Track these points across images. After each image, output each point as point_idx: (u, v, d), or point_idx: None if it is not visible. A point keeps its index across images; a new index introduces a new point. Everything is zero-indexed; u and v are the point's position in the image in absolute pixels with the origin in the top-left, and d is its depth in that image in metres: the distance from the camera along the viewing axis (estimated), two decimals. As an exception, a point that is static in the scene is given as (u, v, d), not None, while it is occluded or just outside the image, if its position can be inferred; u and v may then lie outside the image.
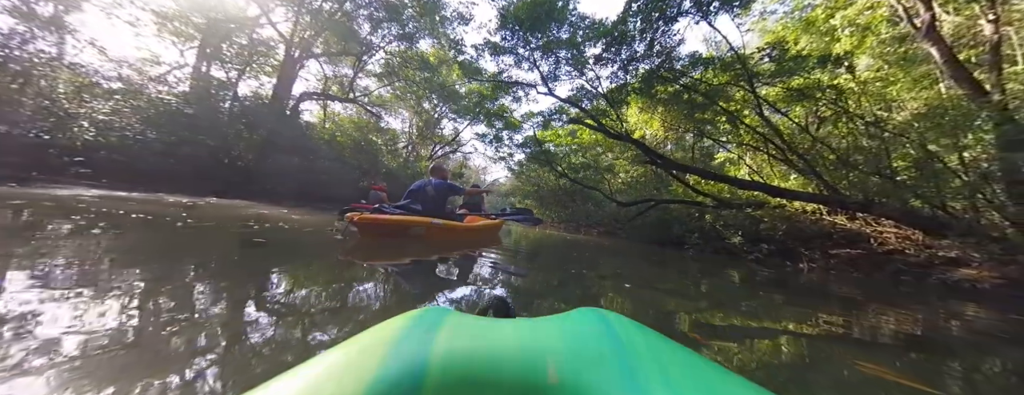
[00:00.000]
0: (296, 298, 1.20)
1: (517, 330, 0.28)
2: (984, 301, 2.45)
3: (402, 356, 0.23)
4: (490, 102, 8.90)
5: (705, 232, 5.88)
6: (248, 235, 2.32)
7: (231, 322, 0.93)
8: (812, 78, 4.90)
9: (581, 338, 0.26)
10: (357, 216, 2.80)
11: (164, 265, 1.42)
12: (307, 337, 0.89)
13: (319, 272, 1.64)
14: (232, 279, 1.33)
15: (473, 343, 0.25)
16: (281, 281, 1.40)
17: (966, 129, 3.95)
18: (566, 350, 0.24)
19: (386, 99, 13.82)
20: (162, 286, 1.12)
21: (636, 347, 0.25)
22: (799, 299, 2.18)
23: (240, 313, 1.00)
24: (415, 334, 0.26)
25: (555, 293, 1.70)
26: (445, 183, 3.51)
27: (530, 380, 0.22)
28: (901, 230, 4.39)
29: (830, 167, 5.11)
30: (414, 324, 0.28)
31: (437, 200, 3.50)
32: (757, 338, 1.25)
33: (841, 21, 5.84)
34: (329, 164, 8.39)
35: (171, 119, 6.54)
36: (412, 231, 2.96)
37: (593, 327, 0.28)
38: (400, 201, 3.54)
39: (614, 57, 5.70)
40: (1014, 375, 1.10)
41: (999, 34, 3.82)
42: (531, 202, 14.62)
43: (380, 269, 1.84)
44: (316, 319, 1.02)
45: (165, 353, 0.73)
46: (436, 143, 16.53)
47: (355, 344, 0.26)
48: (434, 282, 1.68)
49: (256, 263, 1.68)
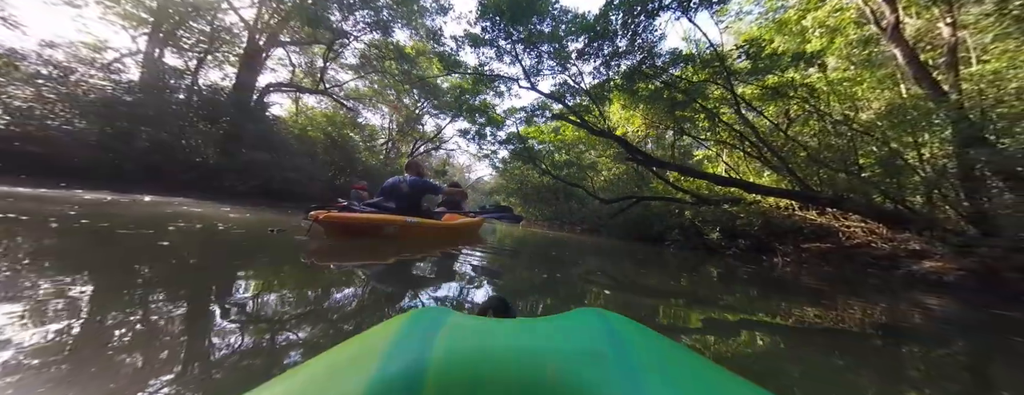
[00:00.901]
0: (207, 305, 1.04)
1: (517, 330, 0.28)
2: (948, 292, 2.54)
3: (402, 356, 0.23)
4: (471, 97, 8.62)
5: (684, 228, 5.97)
6: (149, 240, 1.91)
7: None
8: (786, 77, 5.03)
9: (581, 338, 0.26)
10: (322, 214, 2.57)
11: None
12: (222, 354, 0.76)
13: (229, 279, 1.40)
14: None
15: (473, 343, 0.25)
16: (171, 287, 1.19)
17: (925, 127, 4.14)
18: (566, 350, 0.24)
19: (363, 93, 13.21)
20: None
21: (636, 347, 0.25)
22: (773, 293, 2.23)
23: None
24: (415, 334, 0.26)
25: (539, 292, 1.67)
26: (421, 180, 3.32)
27: (530, 380, 0.21)
28: (867, 224, 4.57)
29: (802, 164, 5.27)
30: (414, 324, 0.28)
31: (412, 198, 3.31)
32: (733, 331, 1.29)
33: (812, 22, 6.03)
34: (299, 160, 7.84)
35: (108, 108, 5.82)
36: (385, 231, 2.79)
37: (593, 327, 0.28)
38: (372, 199, 3.39)
39: (596, 52, 5.65)
40: (965, 360, 1.19)
41: (956, 37, 4.02)
42: (515, 200, 14.53)
43: (344, 271, 1.67)
44: (248, 332, 0.89)
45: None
46: (417, 139, 16.03)
47: (354, 344, 0.27)
48: (404, 284, 1.55)
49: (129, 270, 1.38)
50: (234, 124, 7.18)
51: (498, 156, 12.96)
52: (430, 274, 1.81)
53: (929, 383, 0.95)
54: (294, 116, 10.90)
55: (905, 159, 4.34)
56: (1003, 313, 2.04)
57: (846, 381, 0.90)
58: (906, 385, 0.93)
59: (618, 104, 8.29)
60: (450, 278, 1.77)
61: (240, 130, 7.18)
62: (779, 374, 0.91)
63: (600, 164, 11.06)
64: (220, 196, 6.01)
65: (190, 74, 8.46)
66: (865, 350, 1.17)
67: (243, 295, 1.17)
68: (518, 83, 7.10)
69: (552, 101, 7.51)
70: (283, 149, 7.62)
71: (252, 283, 1.34)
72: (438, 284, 1.59)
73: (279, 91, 10.83)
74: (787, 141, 5.53)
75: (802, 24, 6.15)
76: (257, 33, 8.89)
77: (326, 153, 8.75)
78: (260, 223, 3.08)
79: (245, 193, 6.39)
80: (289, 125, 9.19)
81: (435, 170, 19.01)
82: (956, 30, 4.04)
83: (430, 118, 16.15)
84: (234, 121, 7.19)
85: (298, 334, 0.89)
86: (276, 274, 1.57)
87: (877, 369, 0.98)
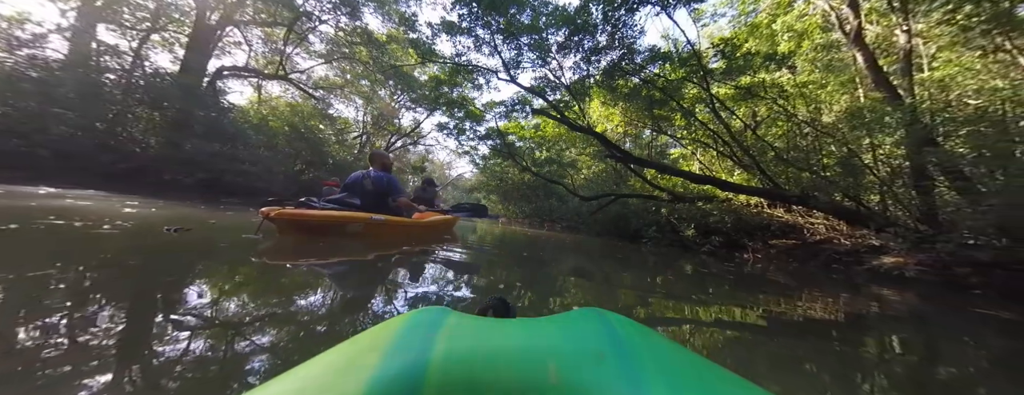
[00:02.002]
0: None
1: (517, 330, 0.28)
2: (907, 287, 2.64)
3: (402, 356, 0.23)
4: (449, 89, 8.24)
5: (661, 226, 6.05)
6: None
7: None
8: (758, 78, 5.16)
9: (581, 338, 0.26)
10: (274, 211, 2.33)
11: None
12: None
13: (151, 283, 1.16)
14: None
15: (473, 343, 0.25)
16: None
17: (880, 130, 4.36)
18: (566, 350, 0.24)
19: (334, 82, 12.42)
20: None
21: (636, 347, 0.25)
22: (743, 289, 2.29)
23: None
24: (415, 334, 0.26)
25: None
26: (387, 177, 3.06)
27: (530, 380, 0.22)
28: (829, 221, 4.78)
29: (771, 163, 5.45)
30: (414, 324, 0.27)
31: (377, 194, 3.06)
32: (705, 326, 1.35)
33: (781, 26, 6.24)
34: (258, 153, 7.15)
35: (10, 89, 5.00)
36: (348, 228, 2.59)
37: (593, 327, 0.28)
38: (335, 195, 3.09)
39: (577, 46, 5.56)
40: (915, 347, 1.31)
41: (911, 45, 4.25)
42: (495, 197, 14.35)
43: (300, 272, 1.54)
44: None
45: None
46: (393, 134, 15.36)
47: (355, 344, 0.27)
48: (370, 286, 1.44)
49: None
50: (183, 111, 6.43)
51: (479, 152, 12.70)
52: (399, 274, 1.69)
53: (877, 368, 1.04)
54: (256, 105, 10.02)
55: (862, 159, 4.57)
56: (956, 304, 2.12)
57: (805, 370, 0.96)
58: (858, 371, 1.00)
59: (598, 100, 8.29)
60: (420, 278, 1.67)
61: (188, 118, 6.43)
62: (744, 365, 0.95)
63: (580, 162, 11.09)
64: (163, 191, 5.36)
65: (132, 55, 7.55)
66: (823, 341, 1.24)
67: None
68: (497, 75, 6.86)
69: (532, 96, 7.35)
70: (239, 140, 6.91)
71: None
72: (416, 284, 1.50)
73: (235, 76, 9.90)
74: (757, 140, 5.71)
75: (772, 28, 6.35)
76: (208, 10, 8.07)
77: (290, 145, 8.05)
78: (165, 220, 2.70)
79: (191, 187, 5.72)
80: (248, 114, 8.39)
81: (413, 166, 18.41)
82: (911, 38, 4.27)
83: (408, 112, 15.56)
84: (182, 108, 6.44)
85: (237, 344, 0.78)
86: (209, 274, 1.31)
87: (834, 358, 1.07)
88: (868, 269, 3.29)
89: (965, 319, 1.82)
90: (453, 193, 28.66)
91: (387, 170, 3.21)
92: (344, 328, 0.96)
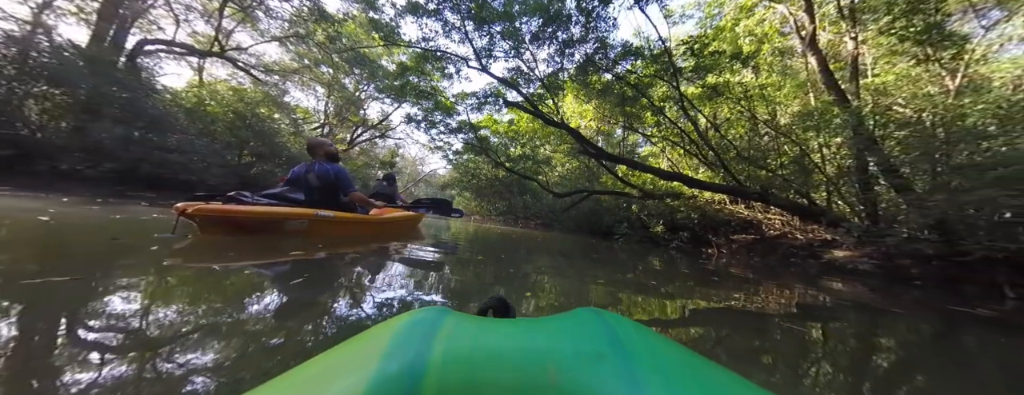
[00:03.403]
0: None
1: (517, 330, 0.28)
2: (858, 278, 2.78)
3: (401, 356, 0.23)
4: (417, 77, 7.69)
5: (632, 222, 6.13)
6: None
7: None
8: (723, 77, 5.33)
9: (581, 338, 0.26)
10: (193, 206, 1.99)
11: None
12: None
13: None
14: None
15: (473, 343, 0.25)
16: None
17: (829, 131, 4.65)
18: (566, 350, 0.24)
19: (289, 67, 11.28)
20: None
21: (636, 347, 0.25)
22: (707, 282, 2.33)
23: None
24: (414, 334, 0.25)
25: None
26: (334, 168, 2.73)
27: (530, 380, 0.22)
28: (784, 217, 5.05)
29: (733, 162, 5.68)
30: (413, 324, 0.27)
31: (324, 188, 2.72)
32: (672, 318, 1.42)
33: (743, 30, 6.50)
34: (192, 141, 6.18)
35: None
36: (288, 226, 2.32)
37: (593, 327, 0.28)
38: (274, 189, 2.71)
39: (550, 37, 5.41)
40: (854, 331, 1.46)
41: (858, 51, 4.55)
42: (469, 194, 14.00)
43: (218, 274, 1.37)
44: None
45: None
46: (358, 125, 14.36)
47: (353, 344, 0.27)
48: (306, 291, 1.26)
49: None
50: (94, 91, 5.40)
51: (451, 148, 12.23)
52: (352, 276, 1.56)
53: (827, 355, 1.14)
54: (195, 88, 8.80)
55: (812, 159, 4.86)
56: (896, 294, 2.23)
57: (760, 358, 1.02)
58: (808, 357, 1.09)
59: (571, 95, 8.23)
60: (375, 280, 1.53)
61: (97, 97, 5.40)
62: (709, 356, 0.88)
63: (554, 160, 11.07)
64: (58, 183, 4.45)
65: (31, 24, 6.26)
66: (780, 330, 1.33)
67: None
68: (468, 63, 6.50)
69: (506, 88, 7.09)
70: (163, 125, 5.92)
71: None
72: (370, 288, 1.38)
73: (162, 51, 8.57)
74: (721, 139, 5.92)
75: (736, 31, 6.61)
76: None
77: (232, 134, 7.11)
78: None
79: (97, 179, 4.78)
80: (182, 98, 7.28)
81: (382, 161, 17.48)
82: (858, 45, 4.56)
83: (375, 102, 14.63)
84: (93, 87, 5.42)
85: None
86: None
87: (787, 345, 1.16)
88: (824, 263, 3.46)
89: (904, 307, 1.96)
90: (425, 189, 27.82)
91: (334, 160, 2.88)
92: (285, 341, 0.82)
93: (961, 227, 2.47)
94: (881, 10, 4.38)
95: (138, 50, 7.23)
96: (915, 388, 0.94)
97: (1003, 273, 1.99)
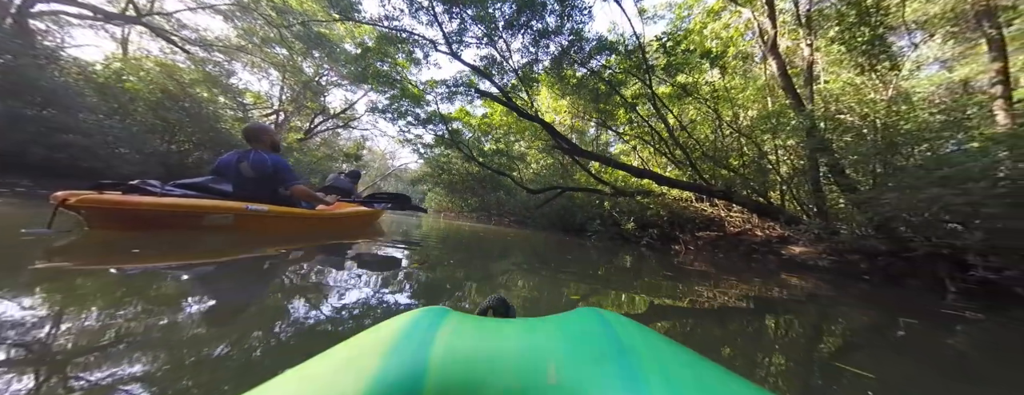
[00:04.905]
0: None
1: (517, 330, 0.28)
2: (814, 273, 2.90)
3: (402, 356, 0.23)
4: (379, 61, 7.07)
5: (604, 219, 6.17)
6: None
7: None
8: (693, 77, 5.45)
9: (581, 338, 0.26)
10: (77, 196, 1.63)
11: None
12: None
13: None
14: None
15: (473, 343, 0.25)
16: None
17: (786, 133, 4.91)
18: (566, 350, 0.24)
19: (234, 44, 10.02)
20: None
21: (636, 347, 0.25)
22: (673, 277, 2.39)
23: None
24: (415, 334, 0.25)
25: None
26: (273, 159, 2.40)
27: (530, 380, 0.22)
28: (745, 215, 5.29)
29: (699, 160, 5.87)
30: (414, 324, 0.27)
31: (259, 180, 2.38)
32: (647, 312, 1.46)
33: (710, 33, 6.72)
34: (101, 123, 5.17)
35: None
36: (209, 220, 2.02)
37: (593, 327, 0.28)
38: (195, 179, 2.34)
39: (524, 26, 5.19)
40: (809, 322, 1.55)
41: (813, 57, 4.83)
42: (441, 190, 13.52)
43: (121, 277, 1.17)
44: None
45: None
46: (317, 113, 13.21)
47: (355, 344, 0.27)
48: (227, 297, 1.12)
49: None
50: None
51: (422, 140, 11.67)
52: (286, 280, 1.38)
53: (779, 340, 1.24)
54: (117, 62, 7.49)
55: (769, 159, 5.13)
56: (846, 288, 2.35)
57: (720, 347, 1.07)
58: (763, 345, 1.16)
59: (546, 90, 8.12)
60: (312, 283, 1.36)
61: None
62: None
63: (529, 156, 10.96)
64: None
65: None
66: (740, 320, 1.41)
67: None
68: (436, 47, 6.06)
69: (478, 77, 6.76)
70: (63, 101, 4.90)
71: None
72: (308, 293, 1.24)
73: (65, 12, 7.13)
74: (688, 138, 6.10)
75: (704, 33, 6.81)
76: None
77: (158, 117, 6.09)
78: None
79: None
80: (94, 71, 6.12)
81: (347, 153, 16.36)
82: (813, 51, 4.83)
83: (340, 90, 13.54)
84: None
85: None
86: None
87: (747, 334, 1.24)
88: (785, 259, 3.62)
89: (855, 298, 2.09)
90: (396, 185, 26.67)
91: (275, 150, 2.53)
92: (186, 359, 0.69)
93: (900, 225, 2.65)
94: (833, 19, 4.66)
95: (26, 7, 5.92)
96: (863, 365, 0.99)
97: (944, 267, 2.13)
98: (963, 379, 0.98)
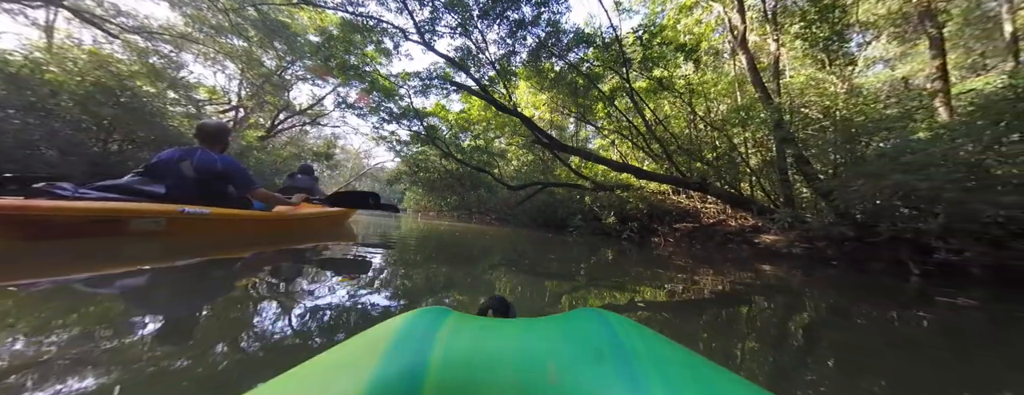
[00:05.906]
0: None
1: (517, 330, 0.28)
2: (787, 261, 2.97)
3: (401, 356, 0.23)
4: (345, 52, 6.60)
5: (585, 214, 6.16)
6: None
7: None
8: (668, 71, 5.51)
9: (581, 338, 0.26)
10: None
11: None
12: None
13: None
14: None
15: (473, 343, 0.25)
16: None
17: (754, 126, 5.08)
18: (566, 350, 0.24)
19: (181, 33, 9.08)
20: None
21: (636, 347, 0.25)
22: (652, 269, 2.42)
23: None
24: (415, 334, 0.25)
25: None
26: (224, 159, 2.16)
27: (530, 380, 0.22)
28: (719, 205, 5.44)
29: (675, 154, 5.98)
30: (413, 324, 0.27)
31: (202, 182, 2.12)
32: (622, 305, 1.46)
33: (683, 28, 6.84)
34: (9, 118, 4.46)
35: None
36: (134, 226, 1.79)
37: (593, 327, 0.28)
38: (122, 179, 2.05)
39: (500, 17, 5.01)
40: (777, 305, 1.61)
41: (779, 52, 5.01)
42: (419, 189, 13.11)
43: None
44: None
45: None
46: (281, 109, 12.31)
47: (354, 344, 0.27)
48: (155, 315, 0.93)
49: None
50: None
51: (397, 137, 11.20)
52: (216, 292, 1.23)
53: (754, 327, 1.27)
54: (38, 51, 6.54)
55: (739, 152, 5.30)
56: (816, 272, 2.42)
57: (698, 339, 1.06)
58: (737, 331, 1.18)
59: (525, 84, 7.99)
60: (259, 295, 1.21)
61: None
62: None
63: (510, 153, 10.82)
64: None
65: None
66: (716, 309, 1.45)
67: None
68: (407, 36, 5.74)
69: (454, 69, 6.49)
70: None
71: None
72: (298, 302, 1.14)
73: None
74: (665, 132, 6.20)
75: (677, 29, 6.93)
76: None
77: (88, 112, 5.38)
78: None
79: None
80: (7, 60, 5.28)
81: (317, 152, 15.48)
82: (779, 46, 5.00)
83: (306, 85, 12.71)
84: None
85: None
86: None
87: (719, 321, 1.28)
88: (760, 248, 3.72)
89: (827, 284, 2.16)
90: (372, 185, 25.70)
91: (224, 149, 2.25)
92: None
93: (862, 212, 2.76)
94: (796, 16, 4.84)
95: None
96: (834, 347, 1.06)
97: (906, 251, 2.22)
98: (938, 362, 0.99)
